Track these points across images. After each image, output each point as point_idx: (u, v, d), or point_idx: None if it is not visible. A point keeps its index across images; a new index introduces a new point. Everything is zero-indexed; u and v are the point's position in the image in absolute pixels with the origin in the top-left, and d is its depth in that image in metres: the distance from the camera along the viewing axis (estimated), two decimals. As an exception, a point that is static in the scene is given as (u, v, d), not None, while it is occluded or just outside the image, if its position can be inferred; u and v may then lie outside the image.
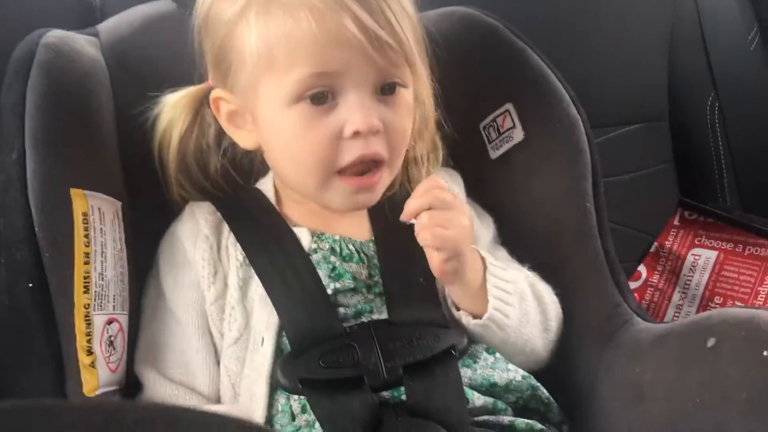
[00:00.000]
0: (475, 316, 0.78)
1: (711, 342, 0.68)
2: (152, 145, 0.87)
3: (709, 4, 1.41)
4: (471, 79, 0.97)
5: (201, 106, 0.85)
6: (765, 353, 0.63)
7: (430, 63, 0.84)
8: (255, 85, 0.75)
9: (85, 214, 0.72)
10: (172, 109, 0.85)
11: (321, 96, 0.72)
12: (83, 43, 0.88)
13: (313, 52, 0.71)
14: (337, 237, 0.81)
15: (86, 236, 0.72)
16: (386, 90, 0.75)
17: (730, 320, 0.68)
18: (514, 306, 0.79)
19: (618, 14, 1.38)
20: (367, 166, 0.75)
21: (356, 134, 0.72)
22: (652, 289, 1.19)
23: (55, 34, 0.84)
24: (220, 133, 0.84)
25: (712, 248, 1.16)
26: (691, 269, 1.16)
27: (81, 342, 0.70)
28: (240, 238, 0.80)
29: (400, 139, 0.77)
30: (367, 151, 0.73)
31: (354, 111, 0.72)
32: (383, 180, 0.78)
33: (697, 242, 1.17)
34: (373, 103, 0.74)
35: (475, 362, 0.76)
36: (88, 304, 0.71)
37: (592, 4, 1.36)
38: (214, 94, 0.81)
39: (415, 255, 0.80)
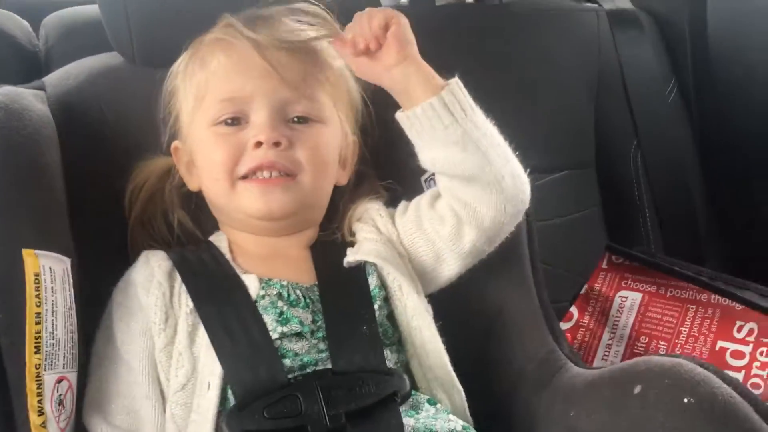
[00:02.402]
0: None
1: (638, 389, 0.73)
2: (102, 196, 0.90)
3: (630, 56, 1.51)
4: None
5: (172, 168, 0.93)
6: (686, 400, 0.69)
7: (372, 114, 0.93)
8: (191, 122, 0.88)
9: (36, 275, 0.73)
10: (147, 167, 0.93)
11: (234, 119, 0.85)
12: (31, 99, 0.89)
13: (225, 80, 0.85)
14: (284, 282, 0.83)
15: (38, 296, 0.72)
16: (298, 120, 0.86)
17: (655, 368, 0.74)
18: (473, 109, 0.82)
19: (547, 62, 1.46)
20: (270, 174, 0.83)
21: (258, 145, 0.83)
22: (584, 330, 1.24)
23: (2, 92, 0.85)
24: (182, 185, 0.92)
25: (638, 290, 1.22)
26: (618, 310, 1.23)
27: (32, 402, 0.70)
28: (189, 286, 0.82)
29: (312, 158, 0.85)
30: (264, 160, 0.82)
31: (258, 127, 0.83)
32: (292, 188, 0.84)
33: (623, 285, 1.24)
34: (280, 124, 0.84)
35: (417, 412, 0.79)
36: (39, 364, 0.71)
37: (524, 55, 1.44)
38: (173, 144, 0.91)
39: (357, 302, 0.84)
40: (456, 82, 0.82)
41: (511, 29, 1.46)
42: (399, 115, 0.84)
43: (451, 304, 0.90)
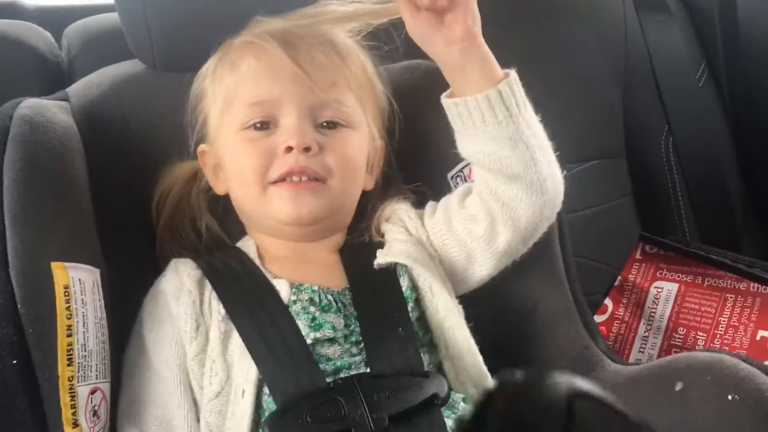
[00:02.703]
0: None
1: (679, 386, 0.71)
2: (129, 205, 0.90)
3: (658, 42, 1.48)
4: (436, 129, 1.00)
5: (199, 171, 0.92)
6: (730, 397, 0.67)
7: (397, 115, 0.92)
8: (219, 126, 0.87)
9: (66, 287, 0.73)
10: (173, 172, 0.92)
11: (263, 124, 0.83)
12: (55, 111, 0.89)
13: (253, 84, 0.84)
14: (315, 287, 0.83)
15: (68, 309, 0.73)
16: (327, 125, 0.84)
17: (696, 364, 0.72)
18: (527, 106, 0.81)
19: (574, 49, 1.43)
20: (300, 179, 0.82)
21: (288, 150, 0.82)
22: (619, 322, 1.22)
23: (27, 105, 0.85)
24: (209, 189, 0.91)
25: (673, 281, 1.20)
26: (654, 301, 1.20)
27: (66, 415, 0.70)
28: (219, 293, 0.82)
29: (342, 163, 0.84)
30: (295, 165, 0.81)
31: (288, 132, 0.82)
32: (322, 192, 0.83)
33: (659, 275, 1.21)
34: (310, 129, 0.83)
35: (453, 413, 0.78)
36: (72, 377, 0.72)
37: (549, 45, 1.41)
38: (200, 147, 0.90)
39: (390, 303, 0.83)
40: (514, 76, 0.80)
41: (533, 18, 1.43)
42: (447, 102, 0.82)
43: (482, 304, 0.89)
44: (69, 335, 0.72)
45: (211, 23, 0.91)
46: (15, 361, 0.67)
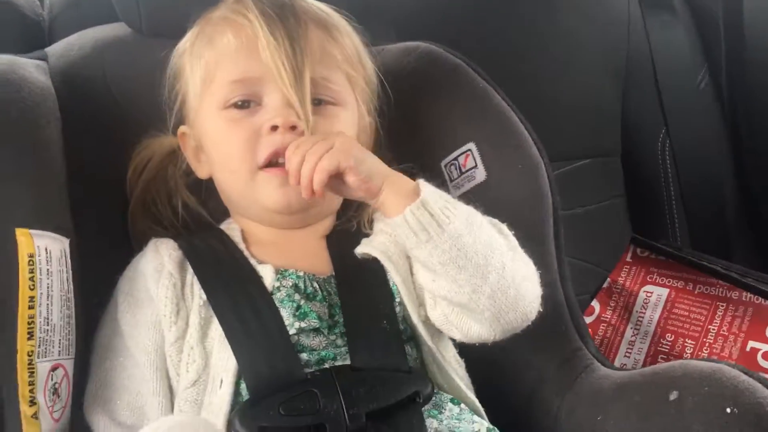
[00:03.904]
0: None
1: (674, 395, 0.68)
2: (103, 174, 0.86)
3: (661, 42, 1.45)
4: (433, 115, 0.97)
5: (177, 148, 0.88)
6: (728, 410, 0.63)
7: (392, 97, 0.88)
8: (199, 106, 0.82)
9: (31, 256, 0.69)
10: (151, 145, 0.88)
11: (245, 102, 0.79)
12: (32, 70, 0.85)
13: (234, 61, 0.80)
14: (300, 273, 0.79)
15: (31, 279, 0.68)
16: (313, 103, 0.79)
17: (693, 373, 0.69)
18: (456, 207, 0.72)
19: (574, 44, 1.40)
20: None
21: (273, 129, 0.77)
22: (605, 325, 1.20)
23: (1, 60, 0.80)
24: (189, 173, 0.87)
25: (664, 285, 1.17)
26: (643, 306, 1.18)
27: (23, 392, 0.66)
28: (201, 277, 0.78)
29: None
30: (281, 145, 0.76)
31: (273, 110, 0.78)
32: None
33: (649, 279, 1.19)
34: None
35: (440, 413, 0.75)
36: (32, 351, 0.67)
37: (549, 37, 1.38)
38: (180, 129, 0.86)
39: (376, 295, 0.79)
40: (424, 196, 0.71)
41: (536, 9, 1.39)
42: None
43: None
44: (31, 307, 0.68)
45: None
46: (-29, 332, 0.63)
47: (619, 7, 1.45)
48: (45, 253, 0.71)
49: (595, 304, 1.21)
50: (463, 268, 0.71)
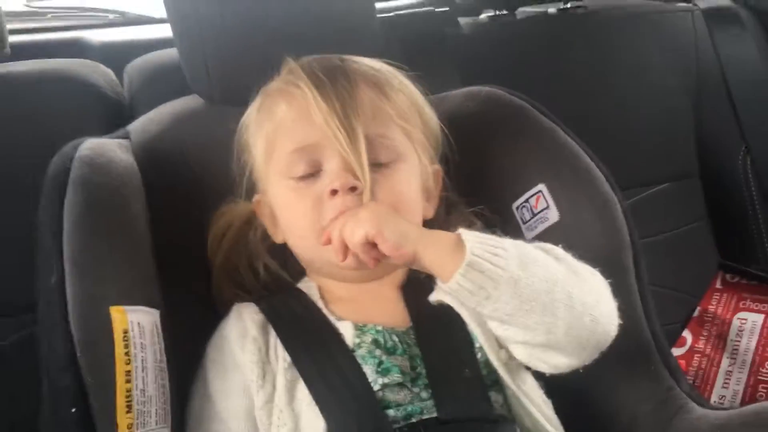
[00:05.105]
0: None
1: (776, 438, 0.65)
2: (186, 243, 0.89)
3: (731, 56, 1.41)
4: (500, 158, 0.97)
5: (254, 214, 0.90)
6: (835, 454, 0.60)
7: (458, 143, 0.88)
8: (266, 176, 0.85)
9: (125, 331, 0.72)
10: (230, 212, 0.91)
11: (309, 175, 0.80)
12: (116, 150, 0.89)
13: (291, 130, 0.82)
14: (379, 327, 0.80)
15: (127, 354, 0.71)
16: (374, 167, 0.79)
17: (796, 414, 0.65)
18: (505, 248, 0.71)
19: (640, 68, 1.38)
20: None
21: (334, 193, 0.78)
22: (700, 356, 1.15)
23: (88, 146, 0.84)
24: (267, 238, 0.89)
25: (758, 311, 1.13)
26: (738, 334, 1.13)
27: (125, 464, 0.68)
28: (284, 339, 0.79)
29: (395, 198, 0.80)
30: (343, 207, 0.77)
31: (332, 174, 0.79)
32: None
33: (741, 306, 1.15)
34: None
35: (524, 462, 0.74)
36: (131, 424, 0.70)
37: (614, 66, 1.36)
38: (255, 198, 0.89)
39: (456, 343, 0.79)
40: (470, 258, 0.69)
41: (598, 36, 1.39)
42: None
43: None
44: (128, 381, 0.70)
45: (268, 55, 0.89)
46: (74, 410, 0.66)
47: (684, 25, 1.42)
48: (138, 328, 0.74)
49: (687, 334, 1.17)
50: (530, 312, 0.70)
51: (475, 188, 0.94)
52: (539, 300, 0.70)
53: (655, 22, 1.41)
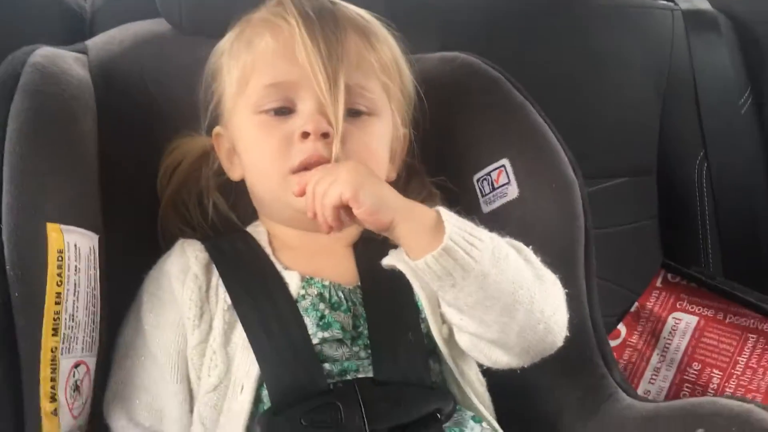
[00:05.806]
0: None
1: (699, 432, 0.66)
2: (136, 171, 0.86)
3: (704, 62, 1.42)
4: (468, 128, 0.95)
5: (210, 149, 0.87)
6: (754, 453, 0.62)
7: (428, 106, 0.86)
8: (234, 107, 0.82)
9: (60, 251, 0.69)
10: (184, 145, 0.88)
11: (281, 110, 0.78)
12: (71, 62, 0.85)
13: (270, 64, 0.79)
14: (326, 282, 0.78)
15: (59, 275, 0.68)
16: (349, 113, 0.78)
17: (722, 412, 0.67)
18: (482, 240, 0.69)
19: (613, 59, 1.38)
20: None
21: (305, 136, 0.76)
22: (631, 350, 1.17)
23: (42, 53, 0.80)
24: (221, 174, 0.86)
25: (693, 313, 1.15)
26: (671, 332, 1.15)
27: (45, 388, 0.66)
28: (227, 281, 0.77)
29: (363, 152, 0.78)
30: (314, 154, 0.75)
31: (305, 116, 0.76)
32: None
33: (678, 306, 1.17)
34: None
35: (461, 430, 0.73)
36: (56, 348, 0.67)
37: (591, 53, 1.36)
38: (215, 130, 0.85)
39: (402, 308, 0.78)
40: (447, 243, 0.66)
41: (581, 22, 1.38)
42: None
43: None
44: (57, 303, 0.68)
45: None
46: (-4, 323, 0.63)
47: (663, 23, 1.42)
48: (74, 249, 0.71)
49: (622, 327, 1.19)
50: (490, 308, 0.69)
51: (439, 155, 0.93)
52: (502, 299, 0.69)
53: (636, 14, 1.41)
